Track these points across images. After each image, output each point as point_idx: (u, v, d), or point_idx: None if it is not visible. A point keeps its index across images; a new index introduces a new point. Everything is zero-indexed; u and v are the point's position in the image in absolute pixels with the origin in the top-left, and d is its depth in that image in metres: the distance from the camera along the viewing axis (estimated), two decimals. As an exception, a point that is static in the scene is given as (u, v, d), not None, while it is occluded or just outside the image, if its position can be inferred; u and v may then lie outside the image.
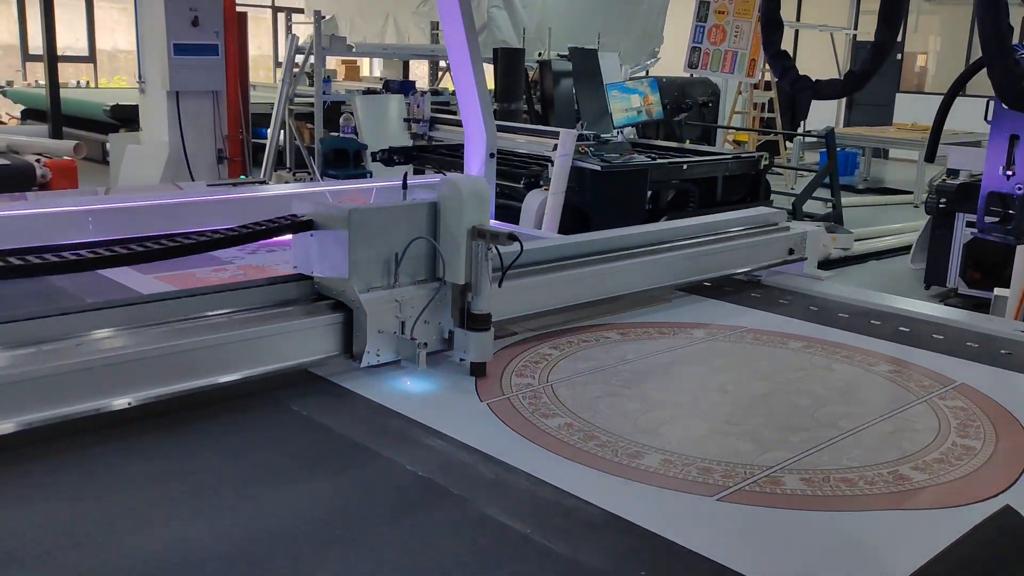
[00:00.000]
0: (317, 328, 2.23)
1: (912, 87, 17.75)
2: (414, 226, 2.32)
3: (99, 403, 1.89)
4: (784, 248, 3.47)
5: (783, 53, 3.23)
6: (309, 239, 2.32)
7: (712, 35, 11.08)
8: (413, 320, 2.30)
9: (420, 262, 2.35)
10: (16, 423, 1.79)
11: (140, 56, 8.30)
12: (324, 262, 2.30)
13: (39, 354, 1.88)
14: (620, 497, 1.73)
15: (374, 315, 2.25)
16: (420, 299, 2.32)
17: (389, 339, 2.29)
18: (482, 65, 4.27)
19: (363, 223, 2.24)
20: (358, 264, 2.24)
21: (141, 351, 1.96)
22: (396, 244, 2.29)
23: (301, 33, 10.16)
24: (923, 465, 1.91)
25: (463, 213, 2.29)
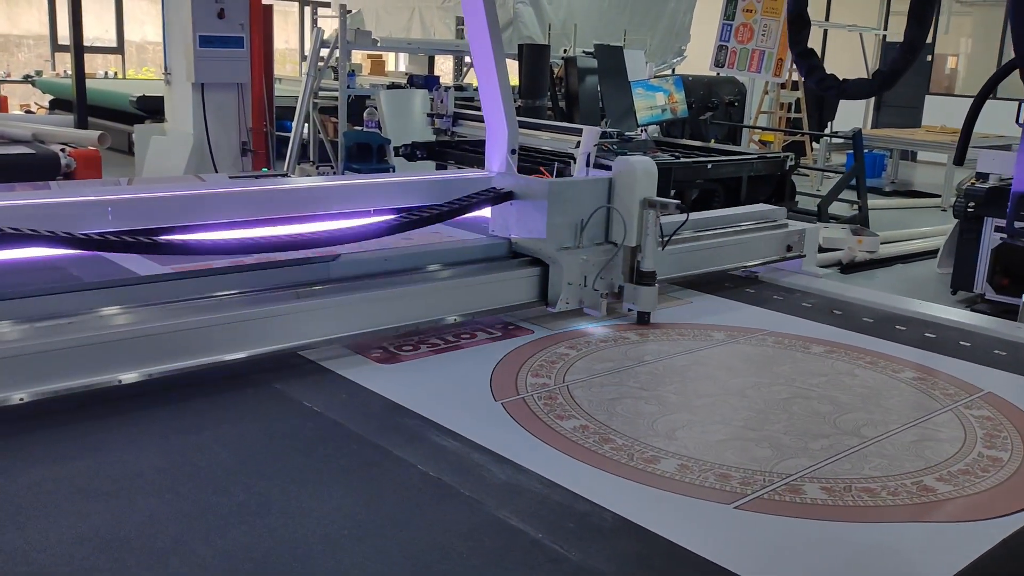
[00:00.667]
0: (520, 279, 2.74)
1: (942, 89, 17.49)
2: (596, 197, 2.80)
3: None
4: (782, 245, 3.51)
5: (810, 52, 3.17)
6: (509, 208, 2.83)
7: (739, 33, 10.96)
8: (595, 275, 2.76)
9: (599, 228, 2.82)
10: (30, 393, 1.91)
11: (167, 48, 8.33)
12: (522, 226, 2.79)
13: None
14: (634, 502, 1.70)
15: (566, 269, 2.71)
16: (600, 258, 2.78)
17: (576, 290, 2.75)
18: (505, 61, 4.23)
19: (559, 193, 2.74)
20: (554, 227, 2.73)
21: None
22: (583, 212, 2.77)
23: (327, 27, 10.16)
24: (948, 476, 1.86)
25: (635, 187, 2.76)
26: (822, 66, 3.07)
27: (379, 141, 8.15)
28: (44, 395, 1.93)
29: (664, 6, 14.82)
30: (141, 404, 2.04)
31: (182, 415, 2.01)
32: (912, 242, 8.54)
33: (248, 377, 2.22)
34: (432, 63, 15.35)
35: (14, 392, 1.89)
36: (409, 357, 2.41)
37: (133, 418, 1.97)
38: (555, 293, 2.74)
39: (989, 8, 16.76)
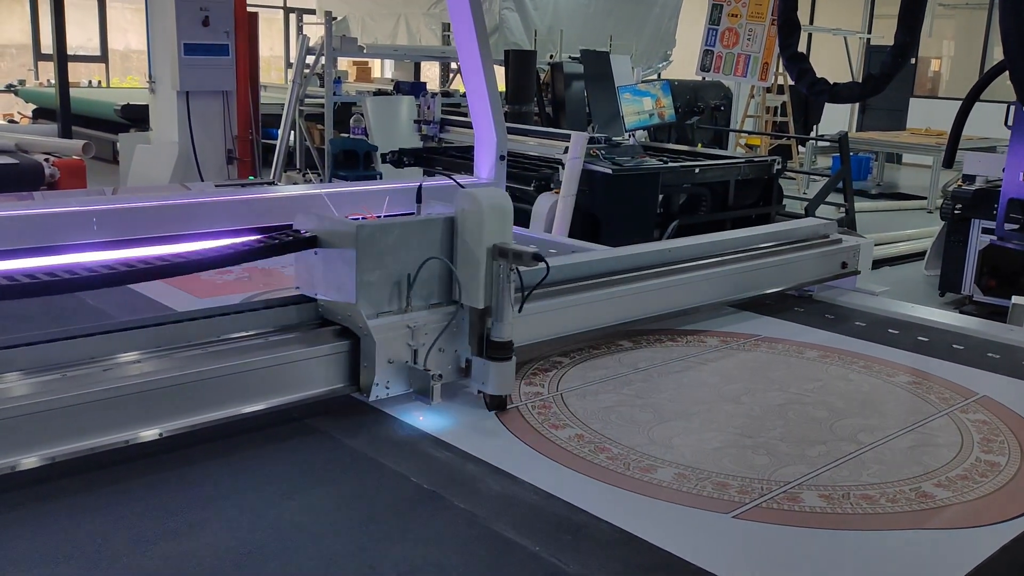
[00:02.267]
0: (320, 359, 2.02)
1: (926, 92, 17.62)
2: (428, 244, 2.10)
3: (124, 434, 1.77)
4: (836, 262, 3.28)
5: (800, 55, 3.16)
6: (313, 257, 2.10)
7: (725, 38, 11.01)
8: (427, 348, 2.09)
9: (435, 284, 2.13)
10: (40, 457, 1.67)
11: (151, 56, 8.29)
12: (329, 283, 2.09)
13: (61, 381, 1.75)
14: (632, 513, 1.67)
15: (384, 343, 2.03)
16: (434, 325, 2.11)
17: (400, 369, 2.08)
18: (493, 67, 4.22)
19: (372, 240, 2.02)
20: (366, 286, 2.03)
21: (144, 382, 1.81)
22: (409, 264, 2.08)
23: (312, 34, 10.13)
24: (946, 482, 1.85)
25: (483, 229, 2.05)
26: (812, 70, 3.06)
27: (366, 148, 8.13)
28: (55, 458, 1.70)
29: (649, 11, 14.86)
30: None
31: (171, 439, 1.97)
32: (899, 244, 8.58)
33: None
34: (418, 69, 15.35)
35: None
36: (400, 367, 2.38)
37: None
38: (368, 377, 2.04)
39: (972, 11, 16.89)
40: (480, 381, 2.12)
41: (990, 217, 6.33)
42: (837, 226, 3.43)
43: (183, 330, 1.99)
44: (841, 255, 3.30)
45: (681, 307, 2.81)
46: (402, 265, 2.08)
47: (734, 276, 2.94)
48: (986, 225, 6.47)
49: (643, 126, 8.50)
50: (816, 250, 3.23)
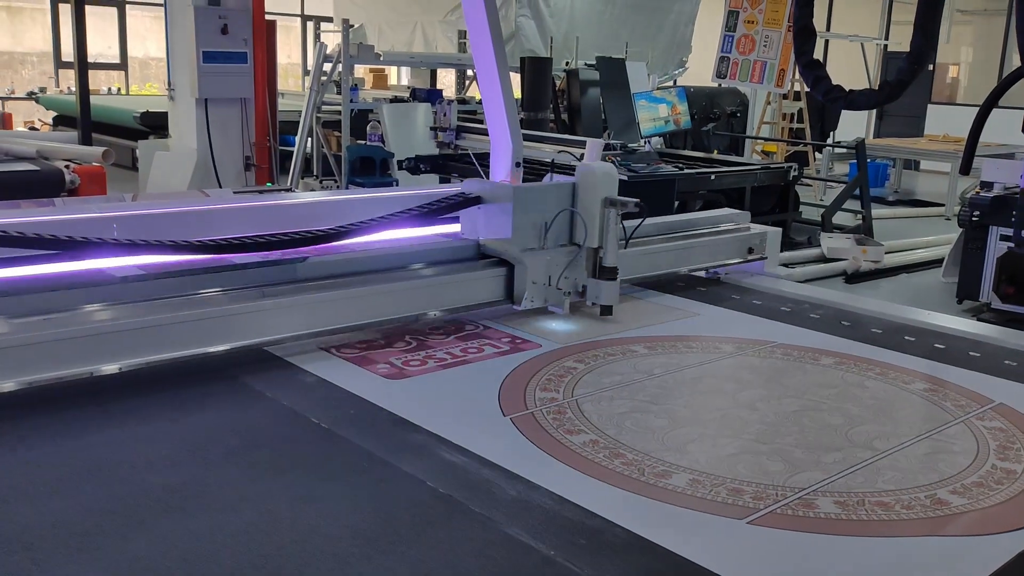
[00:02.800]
0: (487, 279, 2.88)
1: (944, 98, 17.52)
2: (560, 200, 2.95)
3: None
4: (744, 247, 3.62)
5: (816, 63, 3.15)
6: (477, 211, 2.99)
7: (741, 45, 10.99)
8: (559, 274, 2.90)
9: (563, 230, 2.98)
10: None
11: (170, 64, 8.36)
12: (489, 229, 2.94)
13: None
14: (646, 518, 1.68)
15: (531, 268, 2.85)
16: (563, 258, 2.92)
17: (540, 288, 2.89)
18: (509, 73, 4.23)
19: (524, 197, 2.90)
20: (519, 229, 2.88)
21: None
22: (547, 214, 2.92)
23: (330, 42, 10.19)
24: (962, 489, 1.84)
25: (597, 190, 2.91)
26: (828, 77, 3.05)
27: (382, 155, 8.15)
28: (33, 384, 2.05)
29: (665, 18, 14.86)
30: (135, 408, 2.04)
31: (186, 430, 2.00)
32: (916, 251, 8.53)
33: (255, 392, 2.21)
34: (434, 77, 15.39)
35: (3, 381, 2.02)
36: (416, 372, 2.40)
37: (131, 426, 1.96)
38: (520, 291, 2.87)
39: (990, 17, 16.80)
40: (594, 296, 2.95)
41: (1008, 224, 6.28)
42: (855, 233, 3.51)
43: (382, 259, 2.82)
44: (748, 241, 3.63)
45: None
46: (541, 215, 2.92)
47: (648, 256, 3.36)
48: (1004, 232, 6.42)
49: (659, 132, 8.49)
50: (725, 235, 3.60)
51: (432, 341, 2.64)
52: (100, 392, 2.16)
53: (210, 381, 2.28)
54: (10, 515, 1.61)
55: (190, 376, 2.29)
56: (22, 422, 1.99)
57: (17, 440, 1.91)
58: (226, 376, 2.31)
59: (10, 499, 1.67)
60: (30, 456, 1.85)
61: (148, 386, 2.22)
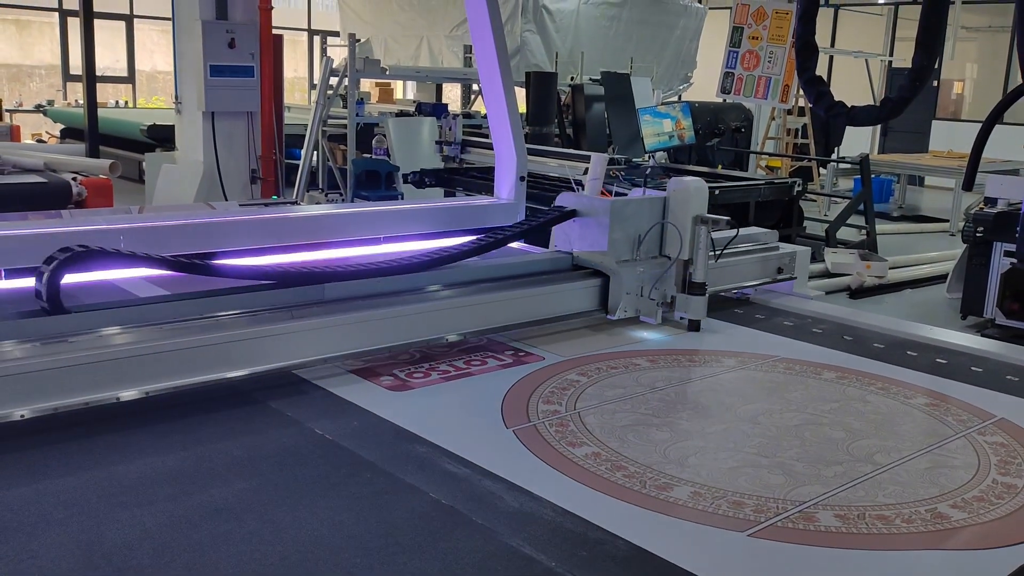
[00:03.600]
0: (583, 290, 2.97)
1: (948, 114, 17.56)
2: (653, 214, 3.04)
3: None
4: (773, 267, 3.58)
5: (818, 79, 3.18)
6: (571, 224, 3.10)
7: (745, 60, 11.03)
8: (651, 286, 2.99)
9: (654, 242, 3.07)
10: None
11: (177, 77, 8.41)
12: (584, 241, 3.04)
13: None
14: (648, 530, 1.69)
15: (625, 280, 2.94)
16: (655, 270, 3.01)
17: (633, 299, 2.98)
18: (513, 88, 4.26)
19: (620, 211, 2.98)
20: (614, 242, 2.97)
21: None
22: (640, 227, 3.02)
23: (336, 56, 10.25)
24: (963, 503, 1.85)
25: (689, 204, 2.98)
26: (830, 93, 3.08)
27: (388, 168, 8.18)
28: (45, 412, 1.97)
29: (670, 34, 14.92)
30: (145, 423, 2.05)
31: (191, 441, 2.01)
32: (920, 267, 8.54)
33: (259, 403, 2.23)
34: (440, 91, 15.46)
35: (15, 409, 1.94)
36: (419, 384, 2.41)
37: (139, 438, 1.98)
38: (615, 302, 2.97)
39: (994, 34, 16.85)
40: (683, 310, 3.01)
41: (1012, 240, 6.29)
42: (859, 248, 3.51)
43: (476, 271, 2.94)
44: (777, 261, 3.59)
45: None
46: (635, 228, 3.02)
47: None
48: (1008, 248, 6.43)
49: (663, 147, 8.52)
50: (754, 255, 3.56)
51: (436, 354, 2.65)
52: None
53: (211, 391, 2.30)
54: (16, 524, 1.62)
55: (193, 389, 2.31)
56: (38, 448, 2.00)
57: (20, 446, 1.93)
58: (228, 388, 2.33)
59: (15, 508, 1.68)
60: (32, 461, 1.86)
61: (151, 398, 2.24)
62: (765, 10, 10.83)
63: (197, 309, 2.35)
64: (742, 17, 10.96)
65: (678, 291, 3.01)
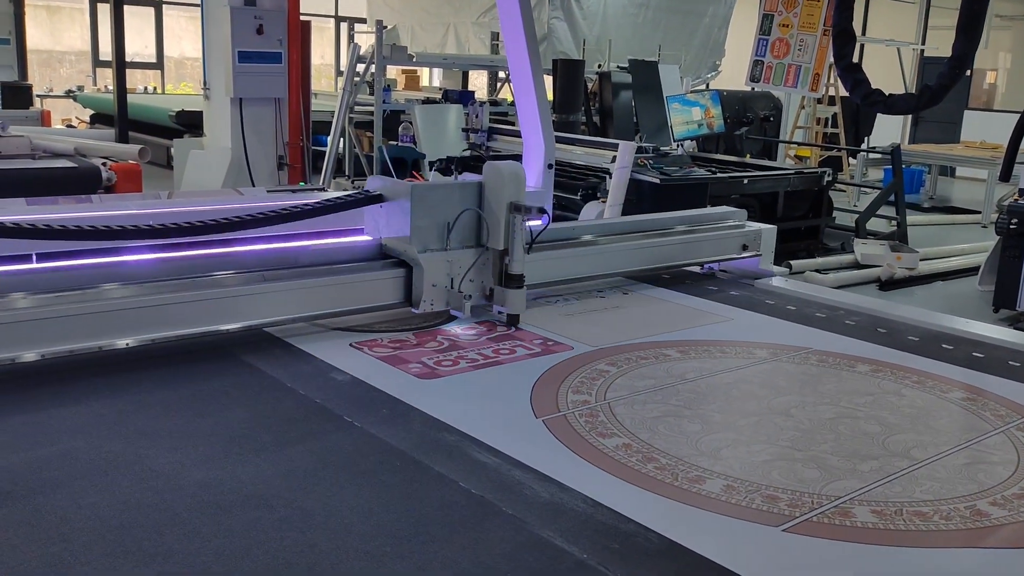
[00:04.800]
0: (385, 280, 2.76)
1: (981, 104, 17.30)
2: (464, 201, 2.80)
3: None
4: (737, 244, 3.62)
5: (855, 66, 3.13)
6: (379, 210, 2.85)
7: (775, 48, 10.90)
8: (461, 277, 2.77)
9: (468, 231, 2.82)
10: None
11: (206, 63, 8.44)
12: (391, 228, 2.81)
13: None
14: (680, 523, 1.67)
15: (429, 271, 2.73)
16: (467, 260, 2.79)
17: (441, 292, 2.77)
18: (543, 75, 4.23)
19: (423, 196, 2.75)
20: (419, 229, 2.73)
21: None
22: (449, 215, 2.77)
23: (363, 43, 10.25)
24: (1002, 500, 1.81)
25: (503, 191, 2.76)
26: (867, 80, 3.03)
27: (414, 156, 8.18)
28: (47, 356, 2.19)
29: (699, 21, 14.79)
30: (175, 410, 2.06)
31: (221, 427, 2.01)
32: (952, 259, 8.42)
33: (288, 390, 2.22)
34: (466, 78, 15.42)
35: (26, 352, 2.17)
36: (448, 372, 2.40)
37: (169, 424, 1.98)
38: (418, 294, 2.76)
39: (1030, 22, 16.53)
40: (500, 303, 2.81)
41: (1047, 232, 6.18)
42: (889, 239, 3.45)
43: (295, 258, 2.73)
44: (743, 238, 3.63)
45: (588, 274, 3.30)
46: (444, 215, 2.77)
47: (642, 251, 3.41)
48: (1043, 240, 6.32)
49: (692, 136, 8.45)
50: (719, 232, 3.62)
51: (464, 342, 2.64)
52: (131, 385, 2.19)
53: (239, 374, 2.30)
54: (49, 507, 1.63)
55: (213, 368, 2.31)
56: (55, 412, 2.02)
57: (53, 432, 1.94)
58: (255, 371, 2.33)
59: (47, 491, 1.69)
60: (66, 449, 1.87)
61: (175, 380, 2.25)
62: (796, -3, 10.69)
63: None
64: (772, 4, 10.82)
65: (495, 283, 2.82)
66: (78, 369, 2.25)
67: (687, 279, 3.55)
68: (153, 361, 2.34)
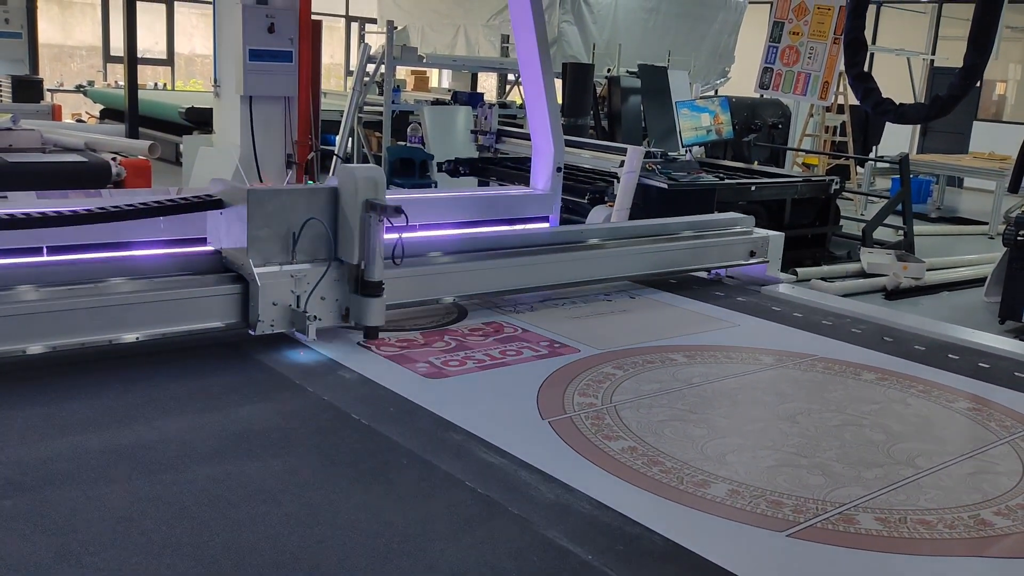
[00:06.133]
0: (219, 297, 2.40)
1: (990, 115, 17.26)
2: (313, 209, 2.47)
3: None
4: (745, 250, 3.62)
5: (866, 75, 3.13)
6: (219, 216, 2.52)
7: (785, 56, 10.90)
8: (307, 294, 2.44)
9: (318, 242, 2.49)
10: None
11: (216, 60, 8.45)
12: (230, 237, 2.48)
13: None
14: (685, 527, 1.68)
15: (268, 287, 2.39)
16: (315, 275, 2.46)
17: (283, 311, 2.44)
18: (553, 78, 4.24)
19: (261, 202, 2.41)
20: (258, 240, 2.40)
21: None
22: (295, 224, 2.45)
23: (373, 43, 10.27)
24: (1006, 511, 1.82)
25: (358, 196, 2.44)
26: (878, 89, 3.04)
27: (422, 156, 8.20)
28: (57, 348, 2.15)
29: (708, 27, 14.80)
30: (183, 404, 2.07)
31: (229, 422, 2.02)
32: (958, 270, 8.41)
33: (297, 387, 2.23)
34: (475, 80, 15.44)
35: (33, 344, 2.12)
36: (456, 372, 2.41)
37: (177, 418, 1.99)
38: (255, 315, 2.39)
39: (1040, 34, 16.50)
40: (357, 316, 2.50)
41: (1055, 245, 6.17)
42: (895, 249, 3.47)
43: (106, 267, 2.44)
44: (750, 244, 3.62)
45: (595, 277, 3.26)
46: (289, 225, 2.45)
47: (649, 255, 3.37)
48: (1051, 253, 6.31)
49: (700, 142, 8.45)
50: (728, 238, 3.61)
51: (471, 342, 2.65)
52: (140, 380, 2.20)
53: (248, 371, 2.31)
54: (59, 499, 1.64)
55: (222, 364, 2.33)
56: (65, 405, 2.03)
57: (62, 424, 1.95)
58: (264, 367, 2.34)
59: (58, 482, 1.70)
60: (77, 441, 1.88)
61: (185, 375, 2.26)
62: (807, 5, 10.69)
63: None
64: (783, 12, 10.83)
65: (350, 292, 2.51)
66: (88, 362, 2.27)
67: (694, 284, 3.55)
68: (163, 356, 2.36)
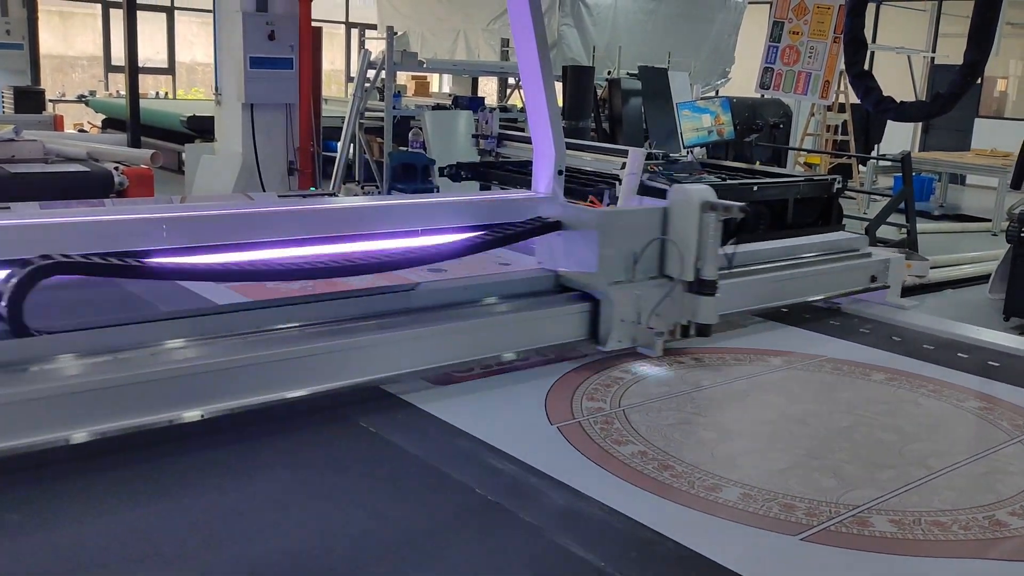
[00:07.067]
0: (568, 315, 2.53)
1: (991, 112, 17.23)
2: (651, 228, 2.59)
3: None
4: (866, 276, 3.35)
5: (867, 73, 3.13)
6: (556, 238, 2.65)
7: (785, 55, 10.89)
8: (649, 311, 2.53)
9: (653, 260, 2.61)
10: (89, 432, 1.79)
11: (217, 69, 8.47)
12: (571, 258, 2.59)
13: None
14: (698, 532, 1.66)
15: (618, 305, 2.50)
16: (655, 293, 2.55)
17: (629, 327, 2.54)
18: (553, 81, 4.23)
19: (611, 224, 2.56)
20: (606, 260, 2.52)
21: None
22: (636, 243, 2.56)
23: (373, 49, 10.27)
24: (1020, 511, 1.80)
25: (693, 217, 2.54)
26: (879, 88, 3.03)
27: (424, 161, 8.19)
28: (103, 434, 1.81)
29: (709, 28, 14.79)
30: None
31: (238, 432, 2.01)
32: (962, 267, 8.39)
33: (307, 400, 2.22)
34: (476, 84, 15.43)
35: (73, 431, 1.78)
36: (463, 378, 2.40)
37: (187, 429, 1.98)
38: (606, 331, 2.53)
39: (1041, 30, 16.48)
40: (691, 313, 2.58)
41: (1059, 241, 6.16)
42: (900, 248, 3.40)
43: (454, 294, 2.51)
44: (870, 268, 3.34)
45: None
46: (630, 245, 2.56)
47: (763, 285, 3.04)
48: (1055, 249, 6.30)
49: (702, 143, 8.44)
50: (845, 263, 3.31)
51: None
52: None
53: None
54: (65, 510, 1.63)
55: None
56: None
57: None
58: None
59: (64, 494, 1.69)
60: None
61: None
62: (806, 4, 10.69)
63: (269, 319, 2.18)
64: (783, 11, 10.82)
65: (684, 290, 2.60)
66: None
67: (795, 313, 3.28)
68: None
